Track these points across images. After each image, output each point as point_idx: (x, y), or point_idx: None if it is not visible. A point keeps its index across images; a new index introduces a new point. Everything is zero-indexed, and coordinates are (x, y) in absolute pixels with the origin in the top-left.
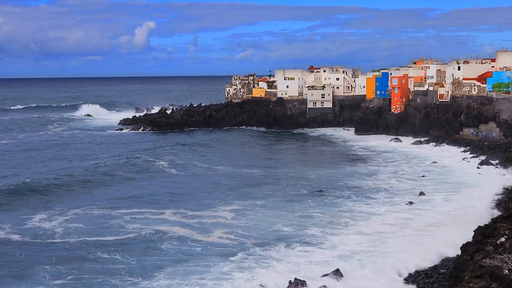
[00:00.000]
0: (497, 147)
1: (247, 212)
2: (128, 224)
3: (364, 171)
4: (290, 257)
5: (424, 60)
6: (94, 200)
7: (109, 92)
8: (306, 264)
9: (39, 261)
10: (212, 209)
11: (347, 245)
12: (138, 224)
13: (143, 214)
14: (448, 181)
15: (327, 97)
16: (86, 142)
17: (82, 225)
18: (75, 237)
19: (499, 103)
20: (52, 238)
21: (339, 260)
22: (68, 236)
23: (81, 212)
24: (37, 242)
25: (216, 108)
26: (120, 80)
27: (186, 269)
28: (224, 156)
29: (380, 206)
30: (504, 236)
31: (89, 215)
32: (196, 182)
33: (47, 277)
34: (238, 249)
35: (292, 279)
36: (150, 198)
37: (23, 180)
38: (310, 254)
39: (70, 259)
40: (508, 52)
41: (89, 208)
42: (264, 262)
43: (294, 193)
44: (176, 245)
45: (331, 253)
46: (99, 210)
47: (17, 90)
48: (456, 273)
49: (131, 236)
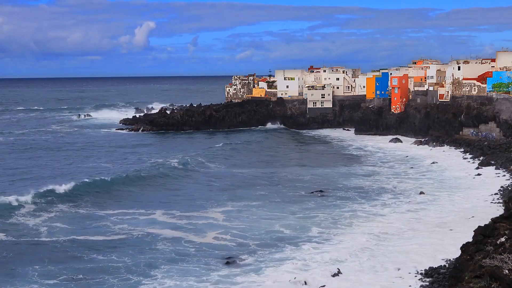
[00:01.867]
0: (497, 147)
1: (244, 212)
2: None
3: (364, 171)
4: (290, 257)
5: (424, 60)
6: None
7: (108, 92)
8: (306, 264)
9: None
10: (203, 211)
11: (347, 245)
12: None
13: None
14: (448, 181)
15: (327, 97)
16: (85, 143)
17: (67, 226)
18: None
19: (499, 103)
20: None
21: (340, 260)
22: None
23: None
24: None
25: (216, 108)
26: (120, 80)
27: (183, 269)
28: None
29: (380, 206)
30: (504, 236)
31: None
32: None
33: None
34: (238, 249)
35: (293, 279)
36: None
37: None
38: (310, 254)
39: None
40: (508, 52)
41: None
42: (264, 262)
43: (293, 193)
44: (169, 246)
45: (331, 253)
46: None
47: (16, 90)
48: (456, 273)
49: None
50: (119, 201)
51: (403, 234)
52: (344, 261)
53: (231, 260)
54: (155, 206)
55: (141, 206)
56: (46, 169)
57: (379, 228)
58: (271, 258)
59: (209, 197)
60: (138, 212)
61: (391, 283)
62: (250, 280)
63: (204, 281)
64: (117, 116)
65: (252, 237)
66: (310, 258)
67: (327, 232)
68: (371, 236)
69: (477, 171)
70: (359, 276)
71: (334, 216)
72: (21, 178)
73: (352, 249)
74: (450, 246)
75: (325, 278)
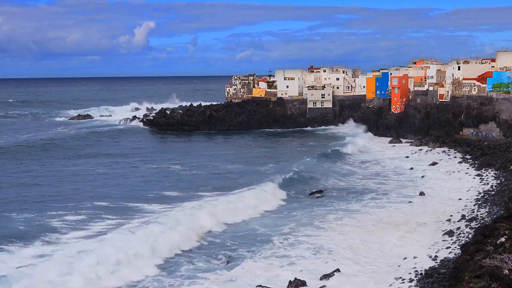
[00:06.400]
0: (497, 147)
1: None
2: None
3: (364, 171)
4: (290, 257)
5: (424, 60)
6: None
7: (108, 92)
8: (306, 264)
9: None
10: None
11: (347, 245)
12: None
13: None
14: (448, 181)
15: (327, 97)
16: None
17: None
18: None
19: (499, 103)
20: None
21: (339, 260)
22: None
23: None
24: None
25: (216, 108)
26: (120, 80)
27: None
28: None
29: (381, 206)
30: (504, 236)
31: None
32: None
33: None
34: (237, 249)
35: (292, 279)
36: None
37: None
38: (311, 254)
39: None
40: (508, 52)
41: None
42: (263, 262)
43: (291, 193)
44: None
45: (331, 253)
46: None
47: (15, 90)
48: (456, 273)
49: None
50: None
51: (402, 234)
52: (344, 261)
53: (231, 259)
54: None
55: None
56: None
57: (379, 228)
58: (271, 257)
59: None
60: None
61: (390, 282)
62: (250, 280)
63: (204, 280)
64: (117, 116)
65: (253, 236)
66: (310, 258)
67: (327, 233)
68: (371, 236)
69: (477, 172)
70: (359, 276)
71: (333, 216)
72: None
73: (352, 249)
74: (450, 246)
75: (325, 278)
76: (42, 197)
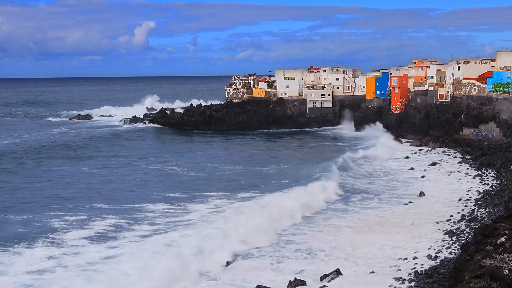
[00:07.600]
0: (497, 147)
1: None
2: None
3: (363, 171)
4: (290, 257)
5: (424, 60)
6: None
7: (108, 92)
8: (306, 264)
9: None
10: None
11: (347, 245)
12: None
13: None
14: (448, 181)
15: (327, 97)
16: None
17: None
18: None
19: (499, 103)
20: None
21: (339, 260)
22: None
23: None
24: None
25: (216, 108)
26: (120, 80)
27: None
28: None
29: (380, 206)
30: (504, 236)
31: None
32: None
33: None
34: (237, 249)
35: (292, 279)
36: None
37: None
38: (310, 254)
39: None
40: (508, 52)
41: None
42: (263, 262)
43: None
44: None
45: (332, 253)
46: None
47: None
48: (456, 273)
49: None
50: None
51: (402, 234)
52: (344, 261)
53: (231, 259)
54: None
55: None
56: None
57: (379, 228)
58: (271, 257)
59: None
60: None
61: (390, 282)
62: (250, 280)
63: (203, 279)
64: (117, 116)
65: (253, 235)
66: (310, 258)
67: (327, 233)
68: (371, 236)
69: (477, 172)
70: (359, 276)
71: (333, 216)
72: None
73: (352, 248)
74: (450, 246)
75: (325, 278)
76: (66, 198)
